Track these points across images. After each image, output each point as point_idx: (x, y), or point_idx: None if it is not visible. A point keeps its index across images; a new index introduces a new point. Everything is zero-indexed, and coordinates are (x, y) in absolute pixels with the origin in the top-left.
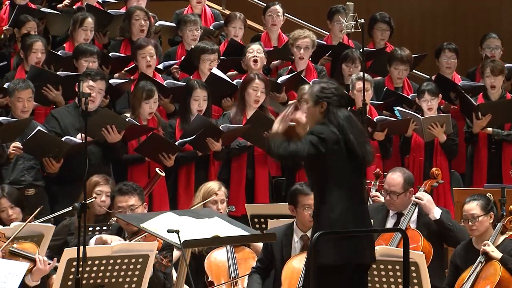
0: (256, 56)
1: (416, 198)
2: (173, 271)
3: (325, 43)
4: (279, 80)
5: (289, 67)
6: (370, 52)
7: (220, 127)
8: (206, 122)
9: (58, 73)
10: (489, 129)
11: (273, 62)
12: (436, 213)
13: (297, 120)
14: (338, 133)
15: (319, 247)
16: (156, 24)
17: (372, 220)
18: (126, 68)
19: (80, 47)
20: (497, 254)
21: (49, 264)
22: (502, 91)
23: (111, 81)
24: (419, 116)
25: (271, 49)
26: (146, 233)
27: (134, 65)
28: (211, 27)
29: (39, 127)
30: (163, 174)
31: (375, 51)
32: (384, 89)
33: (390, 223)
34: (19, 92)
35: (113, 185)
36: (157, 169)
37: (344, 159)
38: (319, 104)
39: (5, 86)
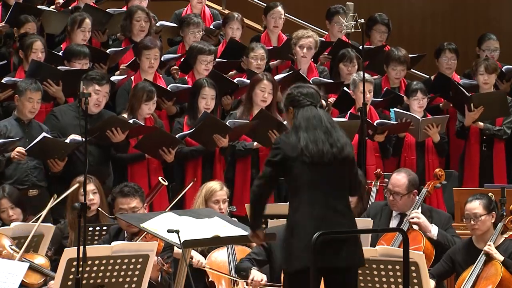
0: (260, 64)
1: (412, 218)
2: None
3: (324, 39)
4: (275, 78)
5: (289, 68)
6: (368, 50)
7: (227, 123)
8: (213, 119)
9: (58, 67)
10: (480, 123)
11: (272, 62)
12: (433, 232)
13: None
14: (296, 138)
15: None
16: (157, 24)
17: (372, 221)
18: (125, 64)
19: (72, 49)
20: (499, 257)
21: None
22: (494, 90)
23: (112, 78)
24: (417, 117)
25: (271, 48)
26: (146, 233)
27: (133, 59)
28: (211, 27)
29: (44, 134)
30: (166, 183)
31: (374, 49)
32: (385, 89)
33: (393, 223)
34: (31, 93)
35: (97, 182)
36: (160, 178)
37: (304, 164)
38: (288, 111)
39: (3, 81)
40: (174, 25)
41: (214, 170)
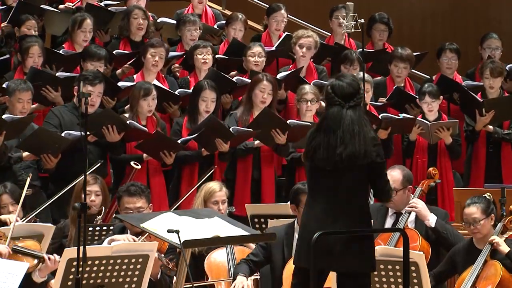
0: (257, 61)
1: (410, 206)
2: None
3: (325, 42)
4: (278, 76)
5: (289, 66)
6: (369, 53)
7: (231, 129)
8: (217, 123)
9: (57, 74)
10: (490, 127)
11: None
12: (431, 220)
13: None
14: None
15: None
16: (158, 20)
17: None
18: (129, 62)
19: (89, 50)
20: (505, 248)
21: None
22: (500, 92)
23: (119, 83)
24: (426, 122)
25: (272, 49)
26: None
27: (136, 58)
28: (215, 26)
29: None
30: (139, 166)
31: (374, 52)
32: (394, 87)
33: (388, 223)
34: (20, 93)
35: (103, 184)
36: (132, 163)
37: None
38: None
39: (4, 86)
40: (175, 22)
41: (214, 174)
